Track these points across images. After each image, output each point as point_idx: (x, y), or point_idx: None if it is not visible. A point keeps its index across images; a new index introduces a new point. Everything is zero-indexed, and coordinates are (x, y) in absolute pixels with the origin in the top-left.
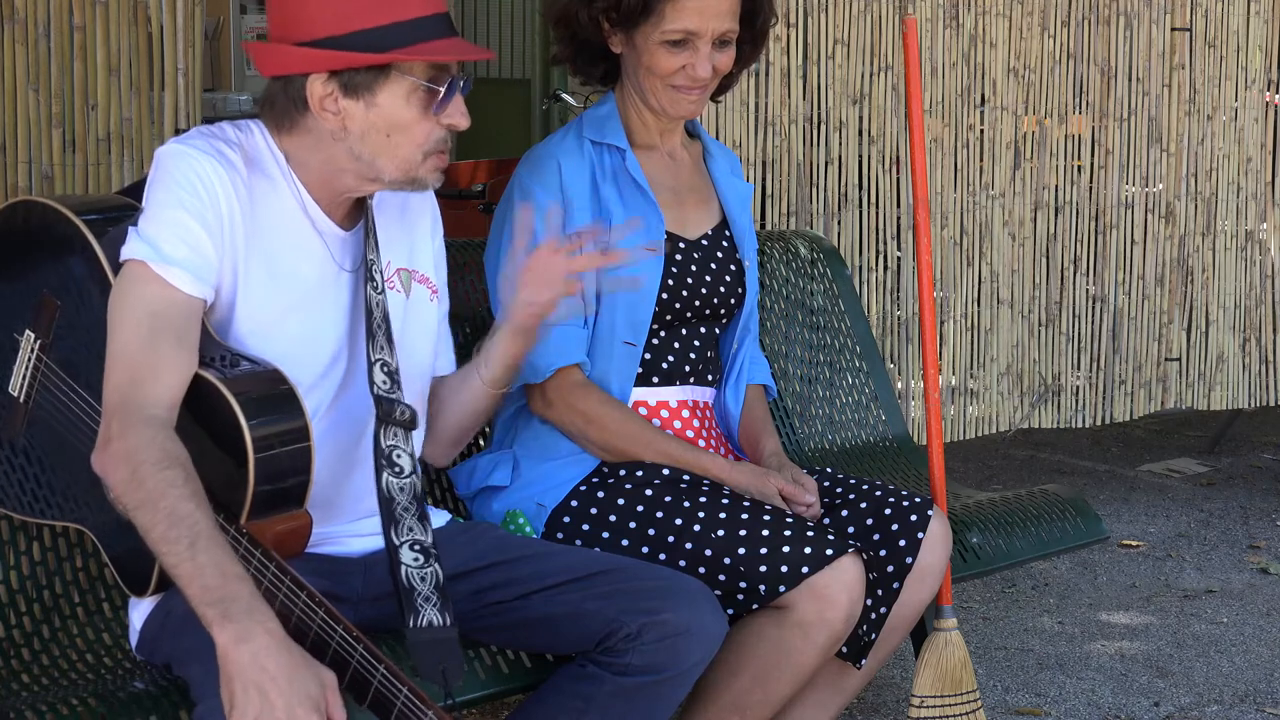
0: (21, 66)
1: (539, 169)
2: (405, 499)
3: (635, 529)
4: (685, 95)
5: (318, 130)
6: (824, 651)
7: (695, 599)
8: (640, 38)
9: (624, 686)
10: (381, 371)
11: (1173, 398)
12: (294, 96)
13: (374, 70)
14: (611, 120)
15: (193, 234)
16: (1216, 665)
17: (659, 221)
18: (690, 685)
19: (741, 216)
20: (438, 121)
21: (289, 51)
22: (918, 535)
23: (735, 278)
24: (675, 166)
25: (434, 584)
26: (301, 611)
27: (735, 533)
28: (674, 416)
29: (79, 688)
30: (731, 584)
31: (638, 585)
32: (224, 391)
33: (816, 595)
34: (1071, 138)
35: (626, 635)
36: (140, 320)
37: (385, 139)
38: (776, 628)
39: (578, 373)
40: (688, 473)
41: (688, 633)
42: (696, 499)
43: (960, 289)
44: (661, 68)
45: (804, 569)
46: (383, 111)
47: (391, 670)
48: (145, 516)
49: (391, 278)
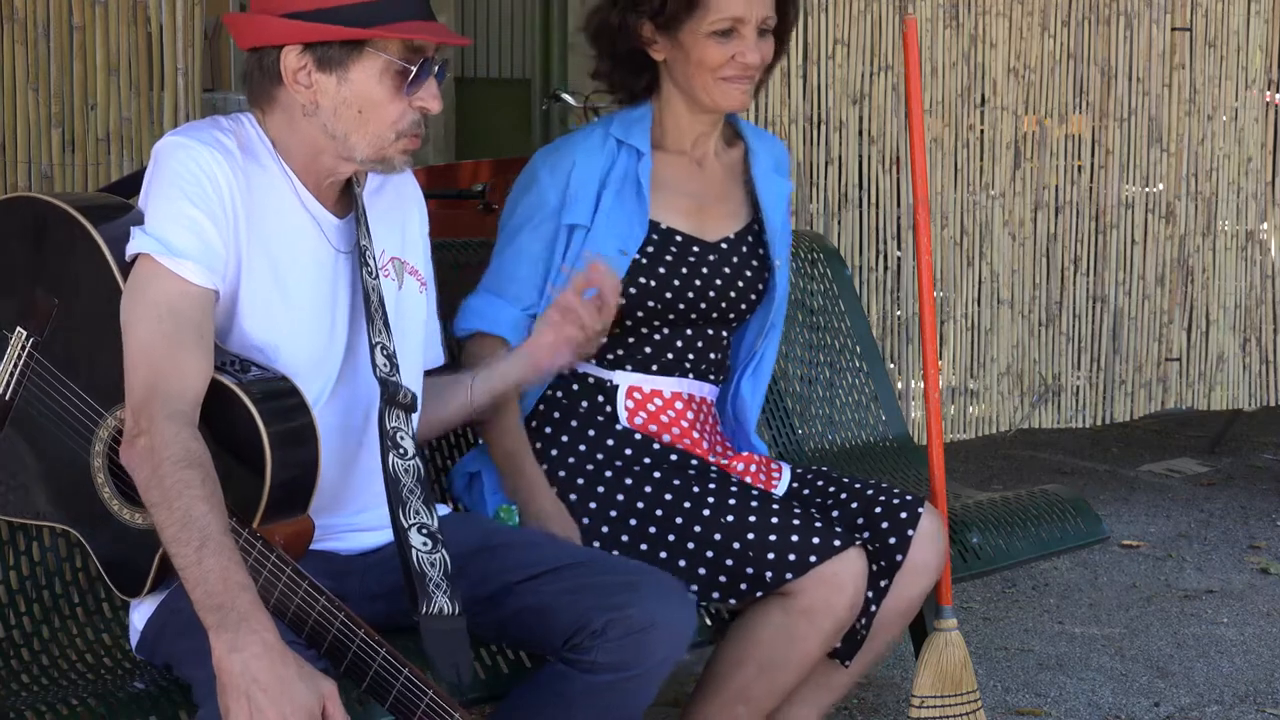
0: (21, 66)
1: (554, 158)
2: (411, 480)
3: (642, 510)
4: (735, 86)
5: (292, 106)
6: (829, 639)
7: (662, 592)
8: (687, 35)
9: (593, 685)
10: (381, 355)
11: (1173, 398)
12: (268, 69)
13: (348, 46)
14: (642, 123)
15: (199, 225)
16: (1216, 665)
17: (642, 226)
18: (660, 681)
19: (775, 215)
20: (410, 103)
21: (267, 22)
22: (907, 533)
23: (755, 278)
24: (702, 173)
25: (443, 570)
26: (302, 600)
27: (745, 519)
28: (667, 406)
29: (79, 688)
30: (737, 570)
31: (603, 580)
32: (242, 397)
33: (824, 582)
34: (1071, 138)
35: (592, 632)
36: (160, 317)
37: (357, 115)
38: (783, 615)
39: (495, 345)
40: (695, 457)
41: (653, 627)
42: (706, 485)
43: (960, 289)
44: (712, 60)
45: (812, 558)
46: (354, 87)
47: (392, 655)
48: (162, 515)
49: (386, 266)
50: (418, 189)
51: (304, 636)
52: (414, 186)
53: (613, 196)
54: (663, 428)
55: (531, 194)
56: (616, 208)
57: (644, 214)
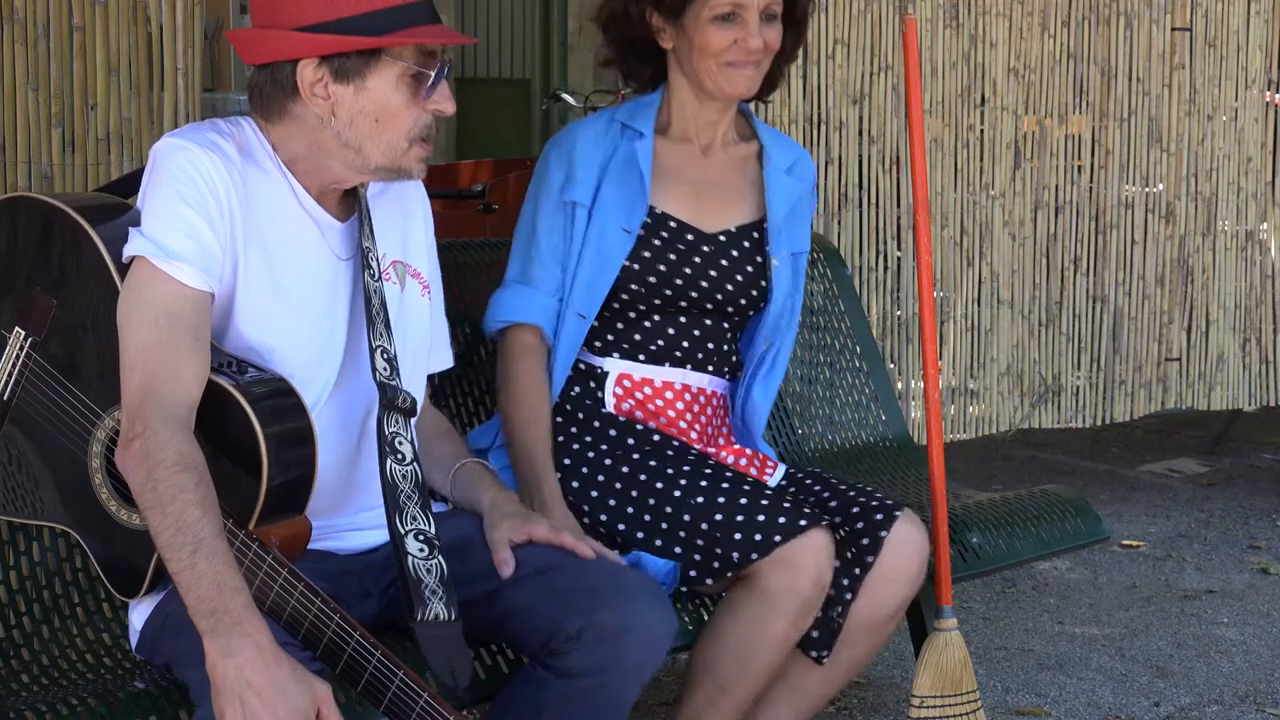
0: (21, 66)
1: (561, 140)
2: (408, 486)
3: (620, 489)
4: (739, 71)
5: (306, 117)
6: (796, 619)
7: (634, 595)
8: (690, 22)
9: (569, 690)
10: (382, 358)
11: (1173, 398)
12: (282, 83)
13: (365, 55)
14: (648, 109)
15: (195, 228)
16: (1216, 665)
17: (643, 205)
18: (639, 685)
19: (779, 213)
20: (424, 107)
21: (279, 37)
22: (880, 534)
23: (756, 275)
24: (704, 161)
25: (439, 577)
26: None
27: (714, 500)
28: (656, 395)
29: (79, 688)
30: (708, 550)
31: (577, 583)
32: (239, 398)
33: (784, 563)
34: (1071, 138)
35: (566, 637)
36: (156, 320)
37: (373, 124)
38: (749, 598)
39: (529, 336)
40: (676, 440)
41: (626, 631)
42: (681, 466)
43: (960, 289)
44: (714, 45)
45: (776, 537)
46: (372, 96)
47: (388, 657)
48: (155, 519)
49: (388, 269)
50: (422, 191)
51: (300, 638)
52: (418, 188)
53: (614, 177)
54: (649, 415)
55: (542, 180)
56: (618, 187)
57: (645, 194)
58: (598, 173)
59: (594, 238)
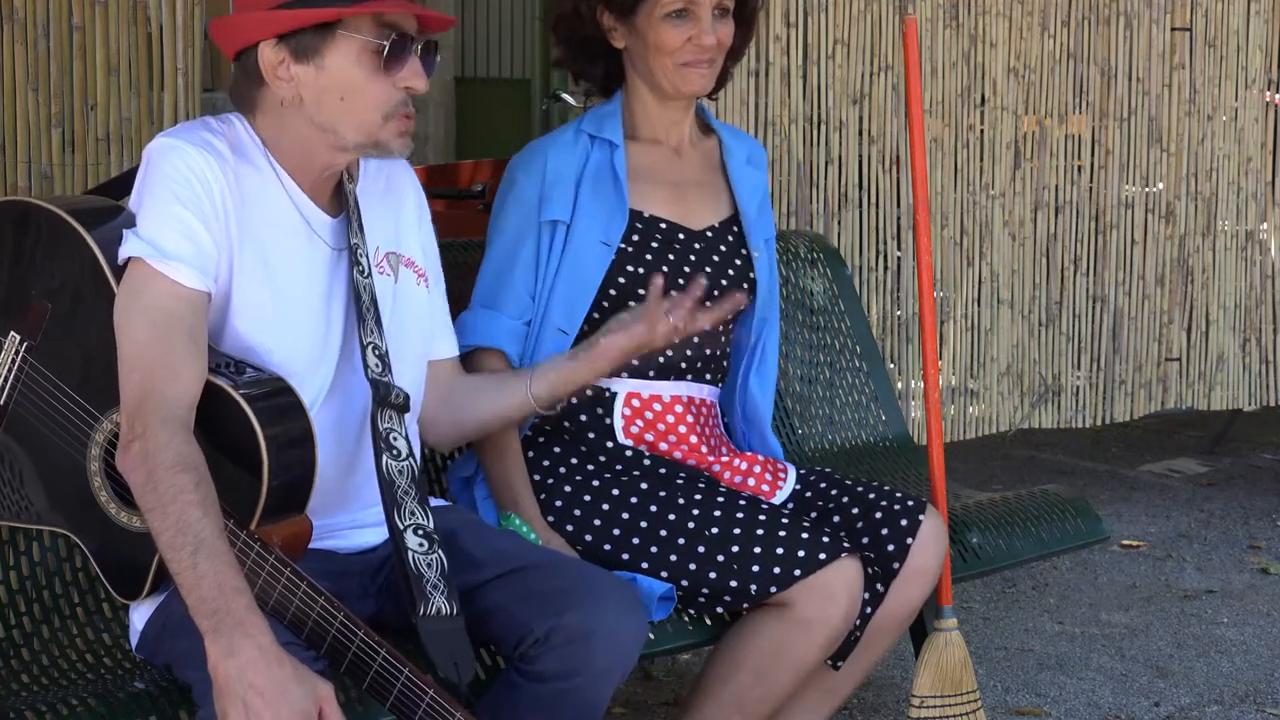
0: (21, 66)
1: (527, 159)
2: (405, 482)
3: (626, 520)
4: (694, 70)
5: (277, 104)
6: (824, 649)
7: (602, 597)
8: (642, 20)
9: (540, 694)
10: (373, 355)
11: (1173, 398)
12: (250, 71)
13: (321, 31)
14: (613, 117)
15: (190, 228)
16: (1216, 665)
17: (622, 216)
18: (609, 689)
19: (751, 206)
20: (393, 84)
21: (243, 21)
22: (906, 541)
23: (745, 267)
24: (679, 161)
25: (439, 571)
26: (301, 600)
27: (730, 531)
28: (666, 411)
29: (79, 688)
30: (720, 584)
31: (548, 585)
32: (238, 399)
33: (818, 592)
34: (1071, 138)
35: (535, 640)
36: (153, 321)
37: (339, 103)
38: (778, 624)
39: (494, 360)
40: (683, 469)
41: (594, 634)
42: (692, 496)
43: (960, 289)
44: (668, 43)
45: (796, 571)
46: (332, 74)
47: (392, 654)
48: (156, 520)
49: (380, 262)
50: (412, 175)
51: (303, 637)
52: (406, 172)
53: (590, 190)
54: (660, 435)
55: (510, 199)
56: (595, 200)
57: (623, 204)
58: (573, 188)
59: (572, 252)
